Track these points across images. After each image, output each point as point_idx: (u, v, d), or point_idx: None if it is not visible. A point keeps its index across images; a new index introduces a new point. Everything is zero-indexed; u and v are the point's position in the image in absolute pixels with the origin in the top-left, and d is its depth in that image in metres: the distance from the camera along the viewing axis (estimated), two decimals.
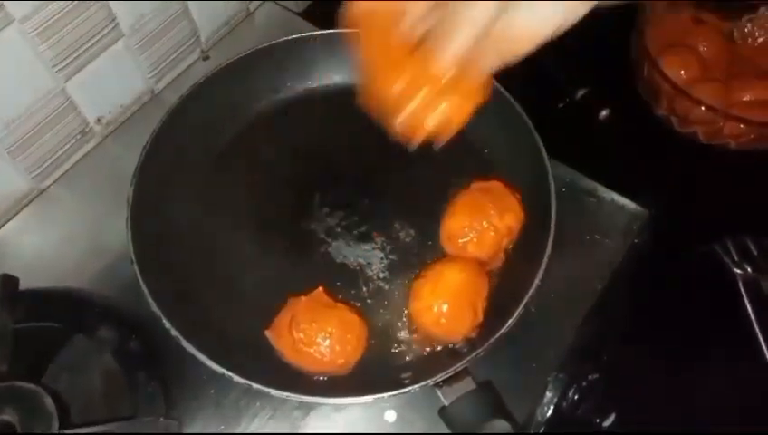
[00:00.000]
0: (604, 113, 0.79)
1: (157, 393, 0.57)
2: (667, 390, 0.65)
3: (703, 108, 0.72)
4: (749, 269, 0.69)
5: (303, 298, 0.55)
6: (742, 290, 0.69)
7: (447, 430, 0.53)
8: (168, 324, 0.52)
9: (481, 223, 0.57)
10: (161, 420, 0.55)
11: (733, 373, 0.66)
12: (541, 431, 0.58)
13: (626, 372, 0.65)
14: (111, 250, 0.64)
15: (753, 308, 0.68)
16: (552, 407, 0.58)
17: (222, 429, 0.57)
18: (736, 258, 0.70)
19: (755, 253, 0.71)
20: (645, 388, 0.65)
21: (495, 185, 0.59)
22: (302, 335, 0.52)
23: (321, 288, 0.56)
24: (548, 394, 0.58)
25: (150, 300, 0.53)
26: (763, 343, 0.66)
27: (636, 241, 0.66)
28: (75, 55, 0.65)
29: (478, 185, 0.60)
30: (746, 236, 0.71)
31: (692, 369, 0.66)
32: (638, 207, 0.68)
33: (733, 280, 0.69)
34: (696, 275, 0.70)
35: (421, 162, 0.66)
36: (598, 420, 0.61)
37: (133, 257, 0.55)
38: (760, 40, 0.81)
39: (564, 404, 0.59)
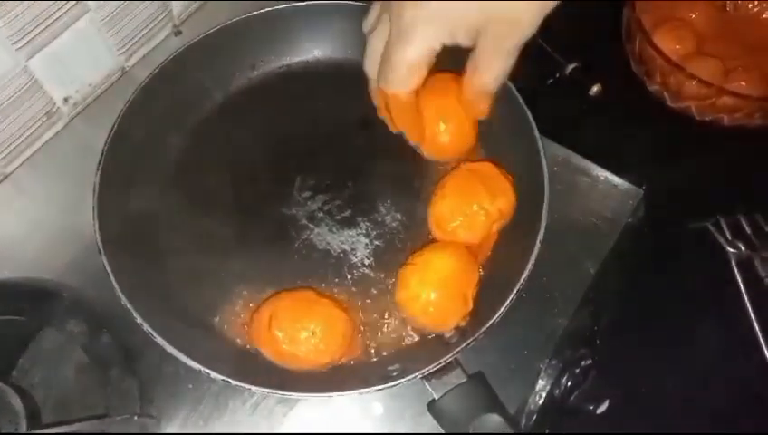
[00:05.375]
0: (595, 89, 0.77)
1: (131, 389, 0.55)
2: (662, 373, 0.64)
3: (695, 82, 0.70)
4: (742, 248, 0.68)
5: (283, 294, 0.52)
6: (735, 269, 0.68)
7: (435, 424, 0.51)
8: (140, 320, 0.49)
9: (471, 206, 0.54)
10: (136, 418, 0.52)
11: (727, 354, 0.65)
12: (533, 420, 0.56)
13: (620, 357, 0.64)
14: (81, 238, 0.61)
15: (745, 287, 0.67)
16: (544, 394, 0.57)
17: (201, 425, 0.54)
18: (729, 237, 0.69)
19: (748, 231, 0.70)
20: (639, 373, 0.64)
21: (486, 166, 0.57)
22: (282, 334, 0.49)
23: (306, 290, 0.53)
24: (540, 382, 0.57)
25: (120, 294, 0.50)
26: (755, 323, 0.65)
27: (629, 221, 0.64)
28: (37, 32, 0.61)
29: (468, 166, 0.57)
30: (739, 214, 0.70)
31: (686, 351, 0.65)
32: (632, 186, 0.66)
33: (726, 259, 0.68)
34: (689, 255, 0.69)
35: (407, 142, 0.64)
36: (591, 407, 0.60)
37: (101, 248, 0.52)
38: (755, 10, 0.79)
39: (557, 391, 0.57)
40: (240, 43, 0.66)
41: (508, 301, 0.50)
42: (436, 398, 0.49)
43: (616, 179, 0.66)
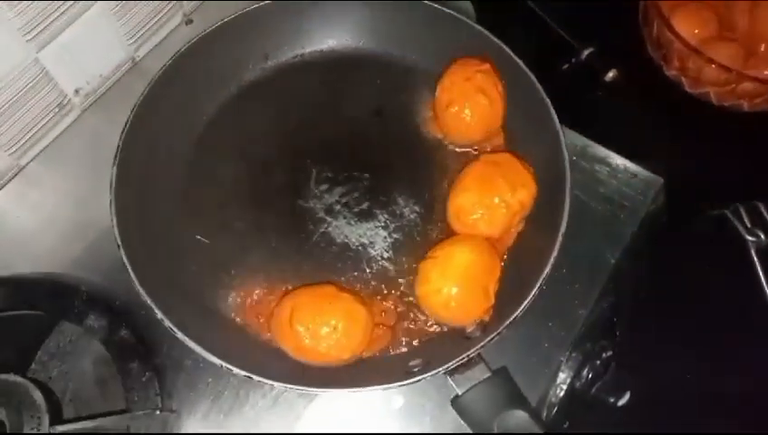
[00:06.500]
0: (611, 74, 0.76)
1: (151, 384, 0.54)
2: (682, 363, 0.63)
3: (714, 67, 0.69)
4: (761, 235, 0.68)
5: (304, 289, 0.52)
6: (754, 257, 0.67)
7: (456, 417, 0.51)
8: (160, 315, 0.48)
9: (492, 199, 0.53)
10: (157, 413, 0.52)
11: (747, 342, 0.64)
12: (554, 412, 0.56)
13: (640, 348, 0.64)
14: (97, 230, 0.61)
15: (765, 275, 0.66)
16: (565, 387, 0.56)
17: (221, 419, 0.54)
18: (748, 224, 0.68)
19: None
20: (659, 363, 0.63)
21: (506, 157, 0.56)
22: (304, 330, 0.49)
23: (327, 285, 0.53)
24: (561, 374, 0.56)
25: (140, 289, 0.49)
26: None
27: (649, 210, 0.63)
28: (47, 23, 0.61)
29: (488, 157, 0.56)
30: (759, 202, 0.69)
31: (706, 340, 0.64)
32: (652, 175, 0.65)
33: (745, 247, 0.67)
34: (709, 243, 0.68)
35: (424, 133, 0.63)
36: (612, 399, 0.59)
37: (119, 243, 0.51)
38: None
39: (578, 384, 0.57)
40: (253, 33, 0.65)
41: (531, 295, 0.49)
42: (460, 393, 0.48)
43: (636, 168, 0.65)
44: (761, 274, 0.66)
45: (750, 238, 0.67)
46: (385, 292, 0.56)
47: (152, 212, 0.57)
